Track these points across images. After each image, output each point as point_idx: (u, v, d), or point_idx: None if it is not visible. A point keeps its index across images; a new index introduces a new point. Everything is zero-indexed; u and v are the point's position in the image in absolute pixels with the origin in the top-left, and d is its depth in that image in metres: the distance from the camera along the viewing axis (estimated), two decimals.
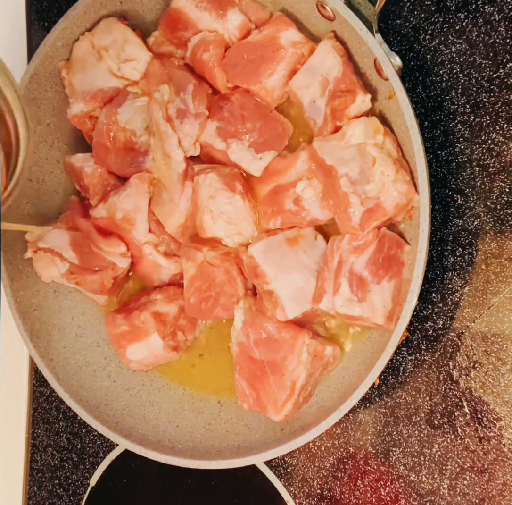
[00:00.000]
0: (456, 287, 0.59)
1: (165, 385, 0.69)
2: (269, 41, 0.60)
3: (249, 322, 0.61)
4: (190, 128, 0.62)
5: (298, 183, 0.59)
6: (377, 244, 0.55)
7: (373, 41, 0.53)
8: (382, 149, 0.55)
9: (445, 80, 0.59)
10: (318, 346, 0.58)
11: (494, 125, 0.57)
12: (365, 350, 0.60)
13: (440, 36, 0.59)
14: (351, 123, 0.55)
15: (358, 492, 0.64)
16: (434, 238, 0.60)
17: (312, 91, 0.59)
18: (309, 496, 0.66)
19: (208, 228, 0.62)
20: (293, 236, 0.60)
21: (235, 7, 0.61)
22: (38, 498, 0.80)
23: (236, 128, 0.62)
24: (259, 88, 0.60)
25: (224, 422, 0.66)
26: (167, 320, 0.65)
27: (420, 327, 0.60)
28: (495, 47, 0.56)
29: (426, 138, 0.59)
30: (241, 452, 0.61)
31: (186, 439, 0.65)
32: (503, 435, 0.57)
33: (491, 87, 0.57)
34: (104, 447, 0.76)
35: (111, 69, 0.64)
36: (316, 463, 0.66)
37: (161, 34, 0.65)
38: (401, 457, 0.61)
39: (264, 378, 0.59)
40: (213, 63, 0.62)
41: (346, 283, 0.55)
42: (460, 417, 0.59)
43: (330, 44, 0.57)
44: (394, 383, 0.62)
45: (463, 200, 0.58)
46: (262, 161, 0.61)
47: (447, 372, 0.59)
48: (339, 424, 0.64)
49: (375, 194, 0.54)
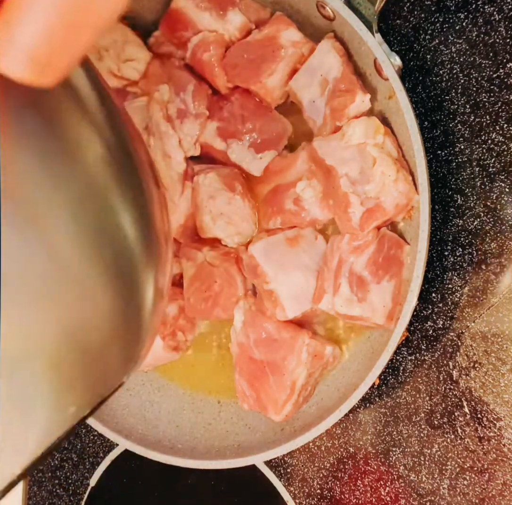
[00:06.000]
0: (456, 287, 0.59)
1: (165, 385, 0.69)
2: (269, 41, 0.60)
3: (249, 322, 0.61)
4: (190, 128, 0.62)
5: (298, 183, 0.59)
6: (377, 245, 0.55)
7: (373, 41, 0.53)
8: (383, 149, 0.55)
9: (445, 80, 0.59)
10: (318, 345, 0.58)
11: (494, 125, 0.57)
12: (365, 350, 0.60)
13: (440, 36, 0.58)
14: (351, 123, 0.55)
15: (358, 492, 0.64)
16: (434, 238, 0.60)
17: (312, 91, 0.59)
18: (309, 496, 0.66)
19: (208, 228, 0.62)
20: (293, 236, 0.60)
21: (235, 7, 0.61)
22: (38, 498, 0.80)
23: (236, 128, 0.62)
24: (259, 88, 0.60)
25: (224, 422, 0.66)
26: (166, 320, 0.65)
27: (420, 327, 0.60)
28: (495, 47, 0.56)
29: (426, 138, 0.59)
30: (241, 452, 0.61)
31: (186, 439, 0.65)
32: (503, 435, 0.57)
33: (491, 87, 0.57)
34: (104, 447, 0.76)
35: (111, 69, 0.64)
36: (316, 463, 0.66)
37: (161, 34, 0.65)
38: (401, 457, 0.61)
39: (264, 378, 0.59)
40: (213, 63, 0.62)
41: (346, 282, 0.55)
42: (460, 417, 0.59)
43: (330, 44, 0.57)
44: (394, 383, 0.62)
45: (463, 200, 0.58)
46: (262, 161, 0.62)
47: (447, 372, 0.59)
48: (339, 424, 0.64)
49: (375, 194, 0.54)
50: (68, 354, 0.25)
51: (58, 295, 0.25)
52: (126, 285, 0.28)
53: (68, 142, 0.27)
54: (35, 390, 0.24)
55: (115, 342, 0.28)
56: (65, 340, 0.25)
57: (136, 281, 0.29)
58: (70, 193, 0.26)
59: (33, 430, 0.26)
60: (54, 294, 0.25)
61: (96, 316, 0.27)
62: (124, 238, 0.28)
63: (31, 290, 0.24)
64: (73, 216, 0.26)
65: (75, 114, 0.28)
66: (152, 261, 0.30)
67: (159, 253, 0.30)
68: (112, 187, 0.28)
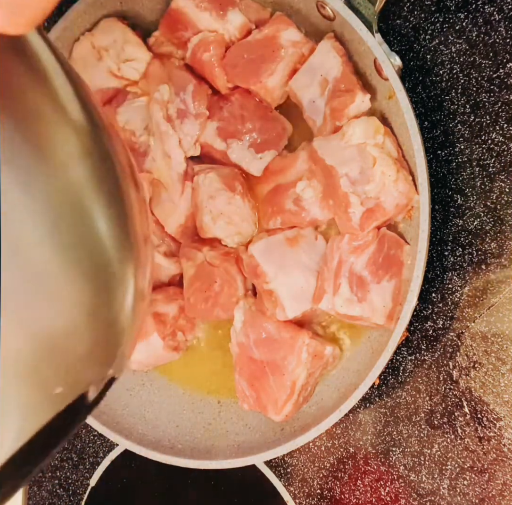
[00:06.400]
0: (456, 287, 0.59)
1: (165, 385, 0.69)
2: (269, 40, 0.60)
3: (249, 322, 0.61)
4: (190, 128, 0.62)
5: (298, 183, 0.59)
6: (377, 245, 0.55)
7: (373, 41, 0.53)
8: (383, 149, 0.55)
9: (445, 80, 0.59)
10: (318, 345, 0.58)
11: (494, 125, 0.57)
12: (365, 350, 0.60)
13: (440, 36, 0.58)
14: (351, 123, 0.55)
15: (358, 492, 0.64)
16: (434, 238, 0.60)
17: (312, 91, 0.59)
18: (309, 496, 0.66)
19: (208, 228, 0.62)
20: (293, 236, 0.60)
21: (235, 7, 0.61)
22: (38, 498, 0.80)
23: (236, 128, 0.62)
24: (259, 88, 0.60)
25: (224, 422, 0.66)
26: (166, 320, 0.65)
27: (420, 327, 0.60)
28: (495, 47, 0.56)
29: (426, 138, 0.59)
30: (241, 452, 0.61)
31: (186, 439, 0.65)
32: (503, 435, 0.57)
33: (491, 87, 0.57)
34: (104, 447, 0.76)
35: (111, 69, 0.64)
36: (316, 463, 0.66)
37: (161, 34, 0.65)
38: (401, 457, 0.61)
39: (264, 378, 0.59)
40: (213, 63, 0.62)
41: (346, 282, 0.55)
42: (460, 417, 0.59)
43: (330, 44, 0.57)
44: (394, 383, 0.62)
45: (463, 200, 0.58)
46: (262, 161, 0.62)
47: (447, 372, 0.59)
48: (339, 424, 0.64)
49: (375, 195, 0.54)
50: (41, 357, 0.25)
51: (31, 300, 0.25)
52: (102, 287, 0.28)
53: (37, 134, 0.26)
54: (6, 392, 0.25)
55: (92, 342, 0.28)
56: (39, 344, 0.25)
57: (113, 283, 0.29)
58: (40, 193, 0.25)
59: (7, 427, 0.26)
60: (27, 300, 0.25)
61: (71, 318, 0.27)
62: (100, 240, 0.28)
63: (5, 297, 0.23)
64: (45, 218, 0.25)
65: (41, 95, 0.27)
66: (130, 262, 0.30)
67: (137, 254, 0.30)
68: (87, 187, 0.28)
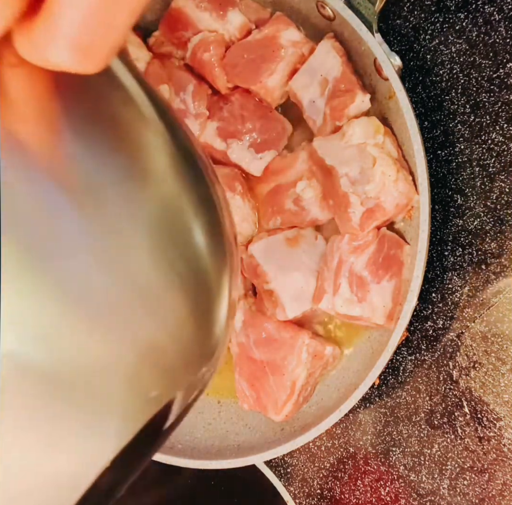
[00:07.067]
0: (456, 287, 0.59)
1: None
2: (269, 40, 0.60)
3: (248, 322, 0.61)
4: (190, 128, 0.62)
5: (298, 183, 0.59)
6: (377, 245, 0.55)
7: (373, 41, 0.53)
8: (383, 149, 0.55)
9: (445, 80, 0.59)
10: (318, 345, 0.58)
11: (494, 125, 0.57)
12: (365, 350, 0.60)
13: (440, 36, 0.58)
14: (351, 123, 0.55)
15: (358, 492, 0.64)
16: (434, 238, 0.60)
17: (312, 91, 0.59)
18: (309, 496, 0.66)
19: None
20: (293, 236, 0.60)
21: (235, 7, 0.61)
22: None
23: (236, 128, 0.62)
24: (259, 88, 0.60)
25: (224, 422, 0.66)
26: None
27: (420, 327, 0.60)
28: (495, 47, 0.56)
29: (426, 138, 0.59)
30: (241, 452, 0.61)
31: (186, 439, 0.65)
32: (503, 435, 0.57)
33: (491, 87, 0.57)
34: None
35: None
36: (316, 463, 0.66)
37: (161, 34, 0.65)
38: (401, 457, 0.61)
39: (264, 378, 0.59)
40: (213, 63, 0.62)
41: (346, 283, 0.55)
42: (460, 417, 0.59)
43: (330, 44, 0.57)
44: (394, 383, 0.62)
45: (463, 200, 0.58)
46: (262, 161, 0.61)
47: (447, 372, 0.59)
48: (339, 424, 0.64)
49: (375, 194, 0.54)
50: (140, 370, 0.24)
51: (134, 315, 0.23)
52: (200, 300, 0.25)
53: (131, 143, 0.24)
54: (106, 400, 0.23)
55: (188, 352, 0.25)
56: (139, 358, 0.23)
57: (211, 294, 0.26)
58: (142, 205, 0.23)
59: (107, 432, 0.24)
60: (130, 315, 0.23)
61: (169, 333, 0.24)
62: (199, 251, 0.25)
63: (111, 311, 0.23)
64: (148, 230, 0.23)
65: (128, 111, 0.25)
66: (226, 270, 0.26)
67: (231, 260, 0.27)
68: (182, 198, 0.25)
